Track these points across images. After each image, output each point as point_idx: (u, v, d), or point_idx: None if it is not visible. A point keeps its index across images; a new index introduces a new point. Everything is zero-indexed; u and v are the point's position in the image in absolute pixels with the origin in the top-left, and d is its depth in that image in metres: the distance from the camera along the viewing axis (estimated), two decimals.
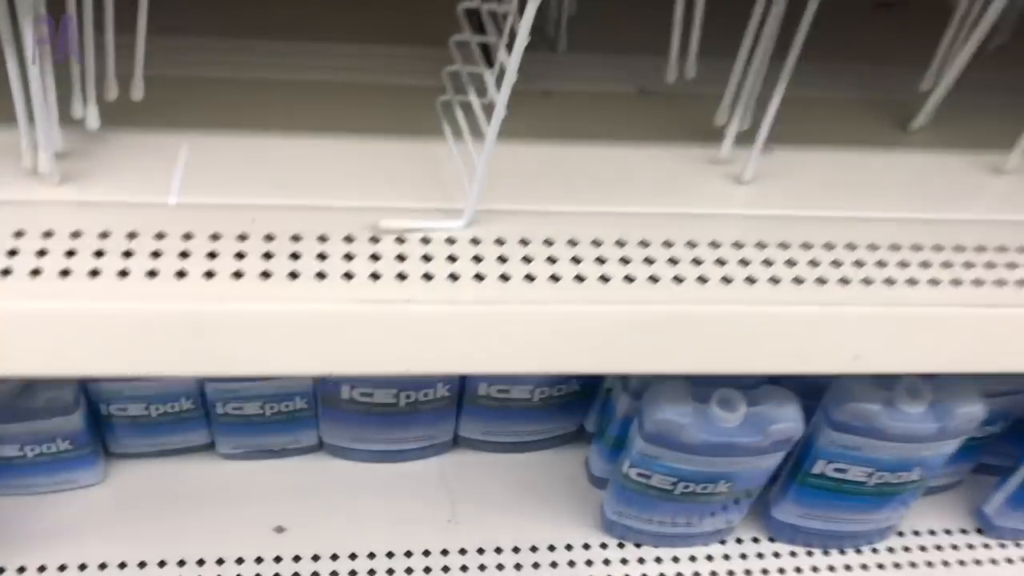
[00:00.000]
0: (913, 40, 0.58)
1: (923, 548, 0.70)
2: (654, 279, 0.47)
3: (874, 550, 0.70)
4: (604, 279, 0.47)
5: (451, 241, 0.47)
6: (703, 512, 0.64)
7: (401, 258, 0.45)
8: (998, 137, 0.58)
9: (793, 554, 0.69)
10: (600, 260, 0.48)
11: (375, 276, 0.44)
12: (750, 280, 0.48)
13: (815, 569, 0.69)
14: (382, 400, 0.65)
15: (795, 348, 0.49)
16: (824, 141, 0.57)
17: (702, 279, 0.47)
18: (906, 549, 0.70)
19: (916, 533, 0.71)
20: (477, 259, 0.47)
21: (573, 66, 0.60)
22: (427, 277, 0.45)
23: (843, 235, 0.51)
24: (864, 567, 0.69)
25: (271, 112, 0.54)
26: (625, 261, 0.48)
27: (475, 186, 0.47)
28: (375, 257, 0.45)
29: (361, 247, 0.46)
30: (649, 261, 0.48)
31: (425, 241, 0.47)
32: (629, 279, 0.47)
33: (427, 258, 0.46)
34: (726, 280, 0.47)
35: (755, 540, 0.70)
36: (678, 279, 0.47)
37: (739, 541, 0.70)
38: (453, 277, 0.46)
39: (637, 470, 0.61)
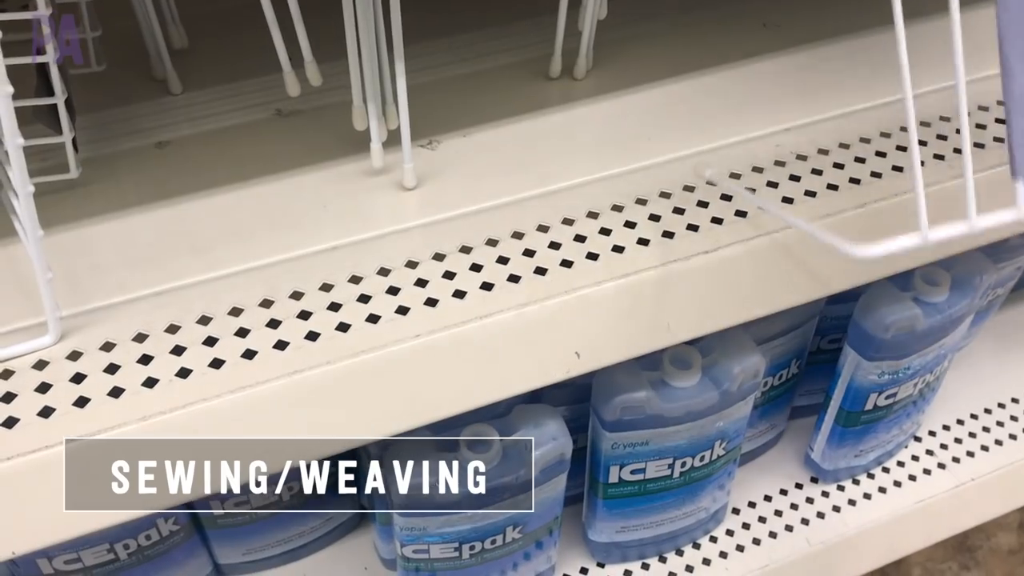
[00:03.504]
0: None
1: (763, 519, 0.63)
2: (313, 336, 0.38)
3: (712, 539, 0.62)
4: (249, 354, 0.37)
5: (42, 365, 0.37)
6: (503, 567, 0.54)
7: None
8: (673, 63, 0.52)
9: (628, 572, 0.61)
10: (241, 332, 0.38)
11: None
12: (431, 302, 0.39)
13: None
14: (98, 561, 0.53)
15: (514, 366, 0.40)
16: (496, 117, 0.49)
17: (372, 318, 0.38)
18: (746, 527, 0.63)
19: (752, 505, 0.64)
20: (79, 378, 0.36)
21: (195, 105, 0.50)
22: (8, 424, 0.34)
23: (531, 217, 0.43)
24: (706, 562, 0.61)
25: None
26: (274, 325, 0.38)
27: (46, 289, 0.36)
28: None
29: None
30: (304, 315, 0.38)
31: (5, 375, 0.36)
32: (281, 346, 0.37)
33: (8, 398, 0.35)
34: (401, 311, 0.38)
35: (583, 571, 0.61)
36: (342, 327, 0.38)
37: None
38: (45, 413, 0.35)
39: (412, 547, 0.51)
